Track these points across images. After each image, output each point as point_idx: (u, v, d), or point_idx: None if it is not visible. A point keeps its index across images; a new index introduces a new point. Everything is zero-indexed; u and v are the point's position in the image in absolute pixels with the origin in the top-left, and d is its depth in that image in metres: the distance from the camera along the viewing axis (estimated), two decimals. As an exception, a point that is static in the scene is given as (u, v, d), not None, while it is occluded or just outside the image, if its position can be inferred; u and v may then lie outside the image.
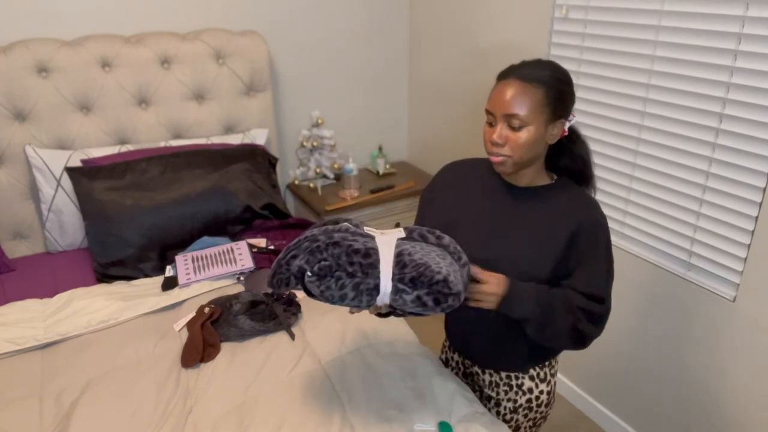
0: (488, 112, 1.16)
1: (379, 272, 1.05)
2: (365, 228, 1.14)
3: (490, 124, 1.17)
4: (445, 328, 1.49)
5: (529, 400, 1.37)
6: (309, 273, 1.07)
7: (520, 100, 1.11)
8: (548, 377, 1.37)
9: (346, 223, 1.13)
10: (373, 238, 1.10)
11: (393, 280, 1.05)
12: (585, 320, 1.18)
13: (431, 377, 1.39)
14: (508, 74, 1.15)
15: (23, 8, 2.01)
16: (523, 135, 1.13)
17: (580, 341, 1.20)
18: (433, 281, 1.03)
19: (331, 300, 1.07)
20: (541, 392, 1.37)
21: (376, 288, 1.05)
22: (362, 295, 1.06)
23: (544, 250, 1.19)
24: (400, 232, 1.13)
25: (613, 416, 2.10)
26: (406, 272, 1.04)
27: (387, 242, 1.08)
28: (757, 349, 1.57)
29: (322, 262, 1.06)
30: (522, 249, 1.20)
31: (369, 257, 1.05)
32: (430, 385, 1.37)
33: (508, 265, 1.20)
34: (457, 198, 1.32)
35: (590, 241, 1.19)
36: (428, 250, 1.08)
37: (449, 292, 1.04)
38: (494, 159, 1.17)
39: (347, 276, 1.06)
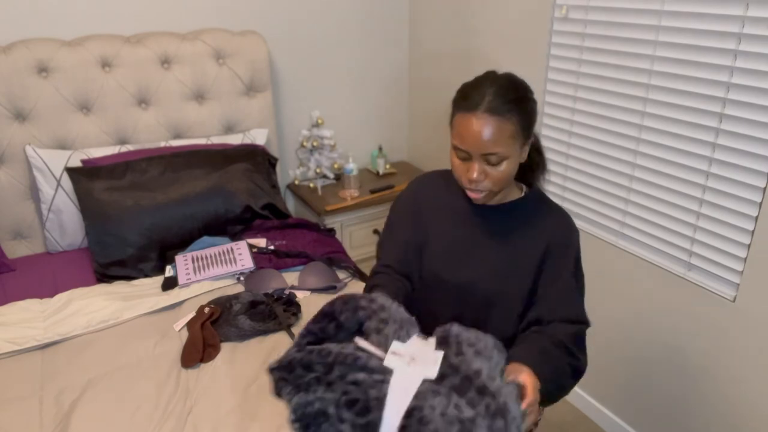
0: (459, 149, 1.08)
1: None
2: (391, 349, 0.88)
3: (461, 159, 1.10)
4: None
5: None
6: (292, 417, 0.86)
7: (496, 137, 1.03)
8: None
9: (363, 355, 0.85)
10: (384, 381, 0.83)
11: None
12: (577, 354, 1.15)
13: (431, 377, 1.39)
14: (474, 106, 1.05)
15: (23, 8, 2.01)
16: (503, 167, 1.08)
17: (578, 375, 1.17)
18: None
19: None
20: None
21: None
22: None
23: (519, 269, 1.18)
24: (430, 369, 0.85)
25: (613, 416, 2.10)
26: None
27: (403, 389, 0.82)
28: (758, 349, 1.57)
29: (308, 408, 0.84)
30: (496, 271, 1.19)
31: (365, 414, 0.81)
32: (430, 385, 1.37)
33: (483, 286, 1.20)
34: (425, 219, 1.28)
35: (561, 260, 1.18)
36: (452, 414, 0.81)
37: None
38: (474, 195, 1.12)
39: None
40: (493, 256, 1.20)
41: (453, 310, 1.26)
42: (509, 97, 1.05)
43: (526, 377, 0.95)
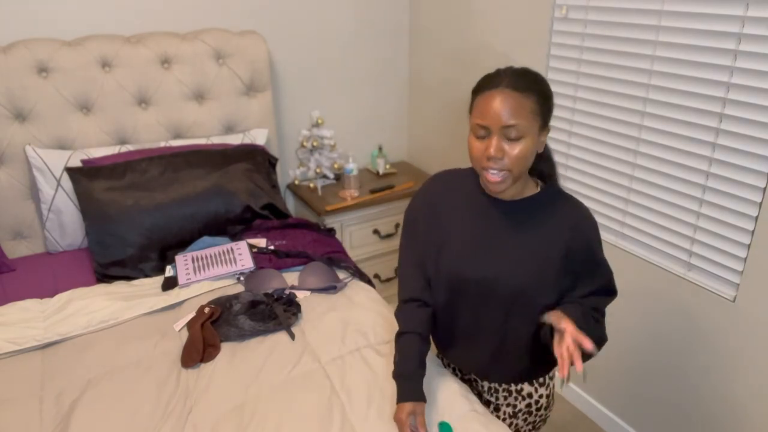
0: (479, 126, 1.10)
1: None
2: None
3: (480, 138, 1.11)
4: (438, 348, 1.44)
5: (528, 405, 1.37)
6: None
7: (516, 110, 1.06)
8: (547, 381, 1.37)
9: None
10: None
11: None
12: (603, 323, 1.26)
13: (431, 377, 1.39)
14: (495, 85, 1.09)
15: (23, 8, 2.01)
16: (521, 146, 1.08)
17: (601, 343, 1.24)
18: None
19: None
20: (541, 396, 1.37)
21: None
22: None
23: (541, 265, 1.18)
24: None
25: (613, 416, 2.10)
26: None
27: None
28: (758, 348, 1.57)
29: None
30: (519, 266, 1.19)
31: None
32: (430, 385, 1.37)
33: (506, 283, 1.19)
34: (442, 217, 1.28)
35: (587, 251, 1.19)
36: None
37: None
38: (492, 177, 1.11)
39: None
40: (514, 250, 1.19)
41: (473, 308, 1.25)
42: (529, 79, 1.10)
43: (566, 323, 1.07)
